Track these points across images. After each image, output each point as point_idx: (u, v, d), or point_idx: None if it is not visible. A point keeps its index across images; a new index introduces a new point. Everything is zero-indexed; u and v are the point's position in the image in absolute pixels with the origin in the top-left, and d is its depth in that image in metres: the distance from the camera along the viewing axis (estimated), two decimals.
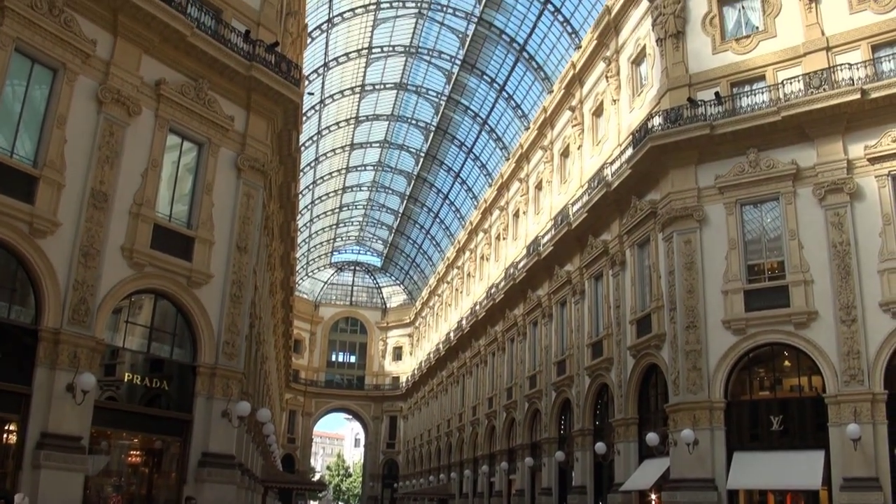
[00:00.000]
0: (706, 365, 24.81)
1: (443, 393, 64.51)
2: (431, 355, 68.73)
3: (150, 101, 20.62)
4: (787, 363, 24.93)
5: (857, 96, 23.48)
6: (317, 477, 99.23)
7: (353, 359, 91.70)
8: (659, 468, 25.86)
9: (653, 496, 27.58)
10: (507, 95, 52.18)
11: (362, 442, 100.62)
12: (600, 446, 29.93)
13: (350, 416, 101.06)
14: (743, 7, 27.93)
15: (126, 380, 20.05)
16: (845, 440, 21.70)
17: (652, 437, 26.13)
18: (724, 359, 24.69)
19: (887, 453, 21.68)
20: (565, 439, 35.73)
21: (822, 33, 25.69)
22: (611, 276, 31.52)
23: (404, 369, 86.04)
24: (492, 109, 54.97)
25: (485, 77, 52.93)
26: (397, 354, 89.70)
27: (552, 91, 42.09)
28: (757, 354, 24.93)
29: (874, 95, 23.39)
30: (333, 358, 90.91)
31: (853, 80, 23.96)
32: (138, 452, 21.77)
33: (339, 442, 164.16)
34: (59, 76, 18.61)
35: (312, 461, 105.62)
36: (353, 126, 62.58)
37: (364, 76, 56.23)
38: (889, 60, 23.98)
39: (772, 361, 25.15)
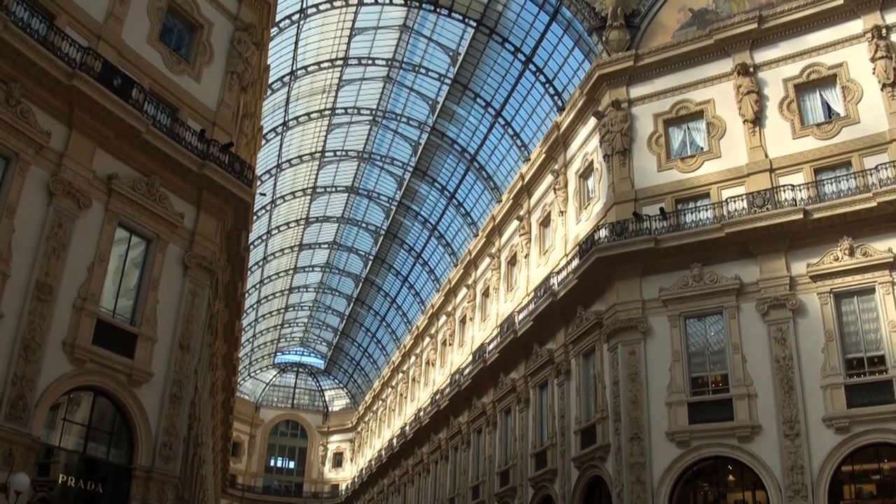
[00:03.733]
0: (650, 478, 24.66)
1: (383, 503, 63.02)
2: (373, 462, 67.35)
3: (101, 194, 20.51)
4: (731, 477, 24.89)
5: (800, 216, 24.27)
6: None
7: (292, 464, 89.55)
8: None
9: None
10: (457, 203, 52.88)
11: None
12: None
13: None
14: (688, 128, 28.99)
15: (60, 481, 19.15)
16: None
17: None
18: (669, 472, 24.58)
19: None
20: None
21: (766, 156, 26.68)
22: (556, 386, 31.50)
23: (344, 476, 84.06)
24: (442, 216, 55.59)
25: (436, 184, 53.71)
26: (338, 461, 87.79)
27: (501, 200, 42.82)
28: (701, 468, 24.87)
29: (817, 216, 24.20)
30: (272, 463, 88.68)
31: (796, 201, 24.80)
32: None
33: None
34: (11, 165, 18.47)
35: None
36: (302, 227, 62.73)
37: (316, 178, 56.71)
38: (831, 183, 24.92)
39: (716, 475, 25.10)
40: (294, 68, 44.21)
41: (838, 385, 23.06)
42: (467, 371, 41.73)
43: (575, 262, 29.46)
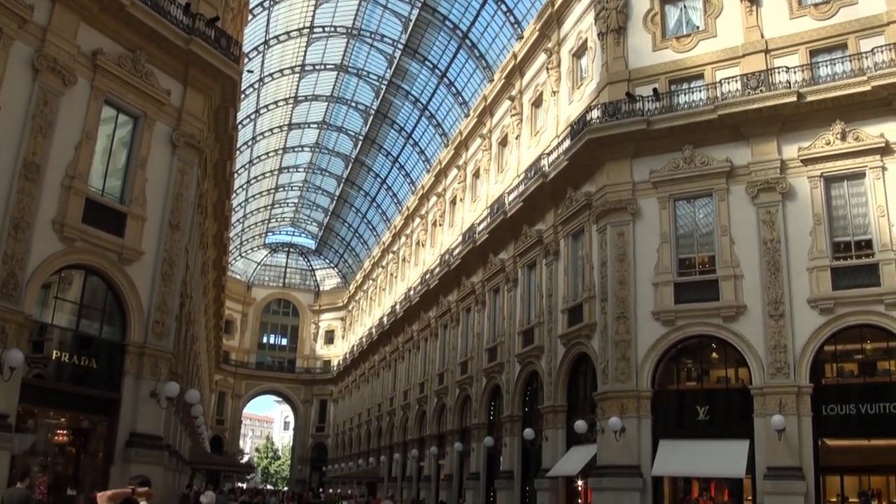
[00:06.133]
0: (635, 355, 25.24)
1: (374, 377, 64.54)
2: (364, 339, 68.66)
3: (87, 70, 20.10)
4: (714, 355, 25.53)
5: (794, 99, 24.01)
6: (245, 459, 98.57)
7: (284, 341, 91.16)
8: (586, 455, 26.26)
9: (579, 482, 28.05)
10: (448, 82, 52.11)
11: (292, 425, 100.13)
12: (529, 432, 30.30)
13: (280, 399, 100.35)
14: (685, 6, 28.31)
15: (54, 357, 19.49)
16: (770, 431, 22.28)
17: (580, 425, 26.55)
18: (653, 349, 25.15)
19: (811, 444, 22.39)
20: (494, 425, 36.06)
21: (762, 36, 26.17)
22: (544, 266, 31.84)
23: (336, 353, 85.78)
24: (432, 95, 54.86)
25: (427, 63, 52.80)
26: (329, 338, 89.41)
27: (493, 80, 42.23)
28: (685, 346, 25.44)
29: (810, 99, 23.94)
30: (265, 340, 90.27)
31: (790, 83, 24.49)
32: (65, 432, 21.27)
33: (268, 425, 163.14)
34: None
35: (241, 443, 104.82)
36: (291, 106, 61.89)
37: (304, 56, 55.60)
38: (826, 66, 24.54)
39: (700, 353, 25.73)
40: None
41: (824, 268, 23.34)
42: (457, 251, 42.09)
43: (566, 143, 29.32)
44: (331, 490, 63.76)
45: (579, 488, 28.31)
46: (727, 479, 24.01)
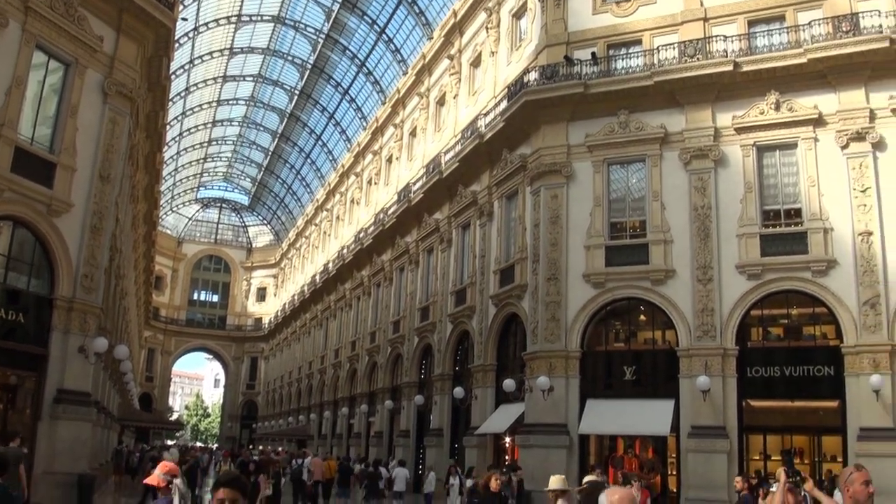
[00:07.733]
0: (565, 316, 25.61)
1: (306, 335, 64.39)
2: (296, 297, 68.35)
3: (18, 13, 19.45)
4: (642, 317, 26.06)
5: (730, 68, 24.35)
6: (174, 416, 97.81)
7: (215, 298, 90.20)
8: (514, 413, 26.71)
9: (507, 439, 28.51)
10: (387, 38, 51.50)
11: (222, 382, 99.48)
12: (459, 391, 30.67)
13: (210, 356, 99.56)
14: None
15: None
16: (695, 391, 22.93)
17: (509, 384, 26.96)
18: (583, 311, 25.54)
19: (735, 404, 23.10)
20: (425, 384, 36.38)
21: (701, 4, 26.39)
22: (478, 227, 32.01)
23: (267, 310, 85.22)
24: (371, 51, 54.18)
25: (365, 18, 52.08)
26: (261, 295, 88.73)
27: (432, 38, 41.96)
28: (614, 308, 25.92)
29: (746, 69, 24.30)
30: (195, 296, 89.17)
31: (727, 53, 24.83)
32: None
33: (198, 382, 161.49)
34: None
35: (171, 401, 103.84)
36: (226, 57, 60.59)
37: (241, 6, 54.37)
38: (763, 36, 24.93)
39: (628, 315, 26.23)
40: None
41: (754, 234, 23.89)
42: (392, 210, 42.04)
43: (503, 105, 29.36)
44: (261, 447, 63.63)
45: (507, 445, 28.79)
46: (652, 437, 24.70)
